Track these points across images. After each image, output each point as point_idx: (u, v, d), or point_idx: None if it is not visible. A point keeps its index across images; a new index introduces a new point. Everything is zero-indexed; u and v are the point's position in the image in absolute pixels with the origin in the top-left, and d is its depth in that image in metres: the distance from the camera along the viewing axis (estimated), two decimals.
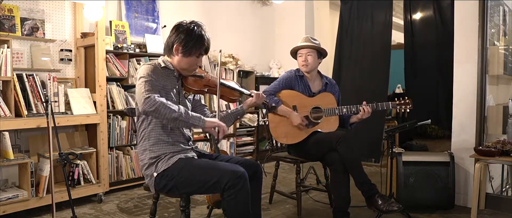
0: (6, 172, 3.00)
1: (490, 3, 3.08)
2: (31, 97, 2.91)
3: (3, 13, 2.95)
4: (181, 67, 2.01)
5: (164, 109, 1.79)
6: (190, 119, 1.86)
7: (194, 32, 1.94)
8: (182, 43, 1.94)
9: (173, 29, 1.98)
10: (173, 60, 2.01)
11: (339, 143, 2.51)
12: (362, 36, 4.50)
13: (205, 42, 1.97)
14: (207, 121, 1.90)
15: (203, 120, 1.89)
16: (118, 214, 2.96)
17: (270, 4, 5.40)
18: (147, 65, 1.94)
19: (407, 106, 2.68)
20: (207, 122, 1.89)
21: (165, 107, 1.79)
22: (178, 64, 2.00)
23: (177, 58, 1.99)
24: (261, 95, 2.19)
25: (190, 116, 1.86)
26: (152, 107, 1.78)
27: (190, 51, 1.95)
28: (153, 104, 1.78)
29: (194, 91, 2.09)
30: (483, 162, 2.84)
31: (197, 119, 1.88)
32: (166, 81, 1.97)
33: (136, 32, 3.91)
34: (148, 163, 1.97)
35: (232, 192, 1.80)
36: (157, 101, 1.78)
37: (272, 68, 5.31)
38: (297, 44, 2.88)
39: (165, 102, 1.80)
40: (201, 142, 4.18)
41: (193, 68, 2.05)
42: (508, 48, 3.41)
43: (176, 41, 1.95)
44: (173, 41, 1.96)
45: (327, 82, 2.93)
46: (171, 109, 1.81)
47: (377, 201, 2.46)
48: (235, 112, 2.20)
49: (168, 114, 1.80)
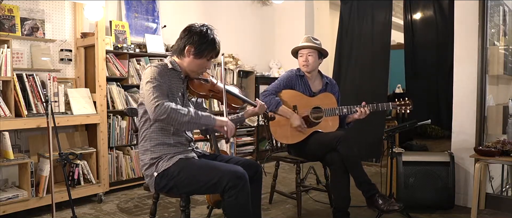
0: (6, 172, 3.00)
1: (490, 3, 3.08)
2: (31, 97, 2.91)
3: (3, 13, 2.95)
4: (190, 69, 2.01)
5: (175, 115, 1.78)
6: (201, 119, 1.87)
7: (208, 35, 1.96)
8: (195, 45, 1.94)
9: (185, 31, 1.98)
10: (183, 61, 2.00)
11: (339, 143, 2.50)
12: (362, 36, 4.51)
13: (217, 45, 2.00)
14: (218, 119, 1.91)
15: (214, 119, 1.90)
16: (118, 214, 2.96)
17: (270, 4, 5.40)
18: (154, 68, 1.91)
19: (407, 107, 2.68)
20: (217, 121, 1.91)
21: (176, 113, 1.79)
22: (188, 65, 2.00)
23: (187, 60, 1.98)
24: (264, 105, 2.20)
25: (200, 116, 1.86)
26: (164, 115, 1.77)
27: (202, 53, 1.96)
28: (164, 111, 1.76)
29: (198, 95, 2.09)
30: (483, 162, 2.84)
31: (208, 118, 1.89)
32: (172, 82, 1.96)
33: (136, 32, 3.91)
34: (148, 163, 1.97)
35: (233, 193, 1.81)
36: (167, 108, 1.77)
37: (272, 68, 5.31)
38: (298, 44, 2.88)
39: (175, 108, 1.79)
40: (201, 142, 4.19)
41: (202, 71, 2.05)
42: (508, 48, 3.41)
43: (189, 42, 1.95)
44: (185, 42, 1.96)
45: (328, 82, 2.93)
46: (181, 114, 1.80)
47: (377, 200, 2.46)
48: (236, 119, 2.19)
49: (179, 118, 1.79)
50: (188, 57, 1.98)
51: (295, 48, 2.89)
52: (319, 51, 2.85)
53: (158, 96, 1.79)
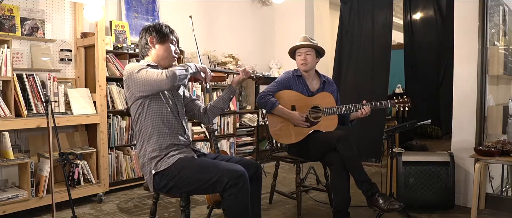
0: (6, 172, 3.00)
1: (490, 3, 3.08)
2: (31, 97, 2.91)
3: (3, 13, 2.95)
4: (161, 57, 2.06)
5: (180, 73, 1.88)
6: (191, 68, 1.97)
7: (161, 25, 2.07)
8: (154, 32, 2.04)
9: (142, 31, 2.09)
10: (152, 55, 2.07)
11: (339, 143, 2.51)
12: (362, 36, 4.50)
13: (173, 30, 2.10)
14: (198, 65, 2.06)
15: (195, 65, 2.03)
16: (118, 214, 2.96)
17: (270, 4, 5.40)
18: (134, 63, 2.01)
19: (405, 105, 2.68)
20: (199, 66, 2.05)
21: (179, 70, 1.88)
22: (158, 55, 2.06)
23: (155, 51, 2.06)
24: (247, 70, 2.27)
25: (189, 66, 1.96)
26: (175, 79, 1.85)
27: (164, 37, 2.04)
28: (173, 77, 1.84)
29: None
30: (483, 162, 2.84)
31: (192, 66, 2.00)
32: None
33: (136, 32, 3.91)
34: (147, 163, 1.97)
35: (233, 192, 1.81)
36: (174, 73, 1.85)
37: (272, 68, 5.31)
38: (295, 44, 2.88)
39: (174, 70, 1.87)
40: (201, 142, 4.19)
41: (173, 55, 2.09)
42: (508, 48, 3.41)
43: (148, 35, 2.05)
44: (145, 38, 2.06)
45: (325, 81, 2.93)
46: (182, 70, 1.90)
47: (377, 200, 2.46)
48: (227, 92, 2.26)
49: (183, 74, 1.90)
50: (154, 48, 2.05)
51: (293, 48, 2.89)
52: (317, 50, 2.86)
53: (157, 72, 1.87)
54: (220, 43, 4.73)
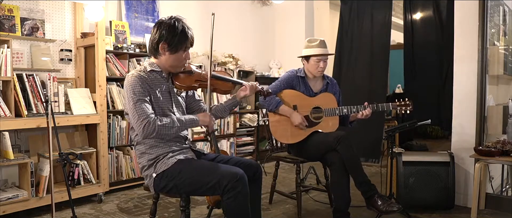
0: (6, 172, 3.00)
1: (490, 3, 3.08)
2: (31, 97, 2.91)
3: (3, 13, 2.95)
4: (170, 65, 1.99)
5: (163, 130, 1.86)
6: (186, 124, 1.96)
7: (177, 27, 1.92)
8: (167, 40, 1.91)
9: (155, 27, 1.95)
10: (161, 60, 1.98)
11: (339, 143, 2.51)
12: (362, 36, 4.51)
13: (189, 35, 1.96)
14: (200, 118, 2.01)
15: (197, 119, 1.99)
16: (118, 214, 2.96)
17: (270, 4, 5.40)
18: (132, 78, 1.89)
19: (407, 108, 2.69)
20: (200, 120, 2.01)
21: (163, 128, 1.86)
22: (167, 62, 1.97)
23: (164, 57, 1.96)
24: (254, 86, 2.15)
25: (184, 122, 1.94)
26: (153, 133, 1.84)
27: (176, 47, 1.93)
28: (152, 130, 1.84)
29: (185, 88, 2.07)
30: (483, 162, 2.84)
31: (191, 121, 1.98)
32: (156, 85, 1.95)
33: (136, 32, 3.91)
34: (147, 165, 1.97)
35: (232, 194, 1.80)
36: (155, 127, 1.83)
37: (272, 68, 5.31)
38: (305, 44, 2.84)
39: (161, 125, 1.85)
40: (201, 142, 4.18)
41: (183, 63, 2.03)
42: (508, 48, 3.41)
43: (161, 40, 1.92)
44: (157, 40, 1.94)
45: (328, 82, 2.94)
46: (168, 127, 1.87)
47: (376, 201, 2.46)
48: (230, 103, 2.19)
49: (167, 132, 1.88)
50: (165, 55, 1.95)
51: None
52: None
53: (142, 115, 1.83)
54: (220, 43, 4.72)
